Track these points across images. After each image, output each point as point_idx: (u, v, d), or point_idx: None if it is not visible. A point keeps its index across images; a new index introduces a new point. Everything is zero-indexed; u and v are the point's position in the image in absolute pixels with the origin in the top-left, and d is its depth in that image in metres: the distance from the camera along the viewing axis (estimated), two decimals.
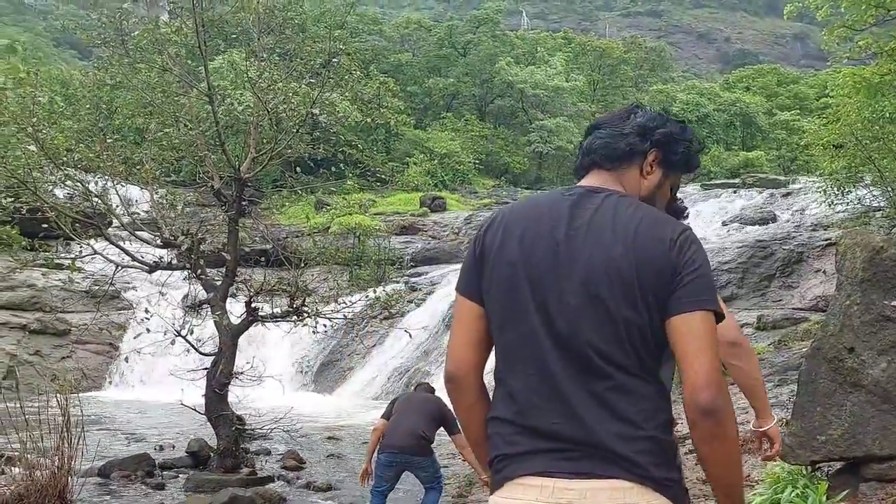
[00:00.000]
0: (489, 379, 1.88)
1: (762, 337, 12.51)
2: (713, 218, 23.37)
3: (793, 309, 14.03)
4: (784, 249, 16.01)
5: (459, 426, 1.98)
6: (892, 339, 4.32)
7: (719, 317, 1.73)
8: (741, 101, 51.57)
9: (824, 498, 4.01)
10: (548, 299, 1.75)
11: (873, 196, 14.88)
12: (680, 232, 1.75)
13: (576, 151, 2.03)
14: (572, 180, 2.01)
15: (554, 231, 1.79)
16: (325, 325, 9.64)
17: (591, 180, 1.92)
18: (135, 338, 10.71)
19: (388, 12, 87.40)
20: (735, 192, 27.55)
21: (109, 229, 10.09)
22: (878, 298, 4.39)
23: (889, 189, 13.66)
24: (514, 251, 1.81)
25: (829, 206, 15.30)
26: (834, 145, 14.42)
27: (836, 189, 14.07)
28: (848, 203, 14.68)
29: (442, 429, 6.55)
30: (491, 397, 1.87)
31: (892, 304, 4.38)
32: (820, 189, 14.75)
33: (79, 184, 8.64)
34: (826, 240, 16.04)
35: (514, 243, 1.81)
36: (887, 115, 12.42)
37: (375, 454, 6.49)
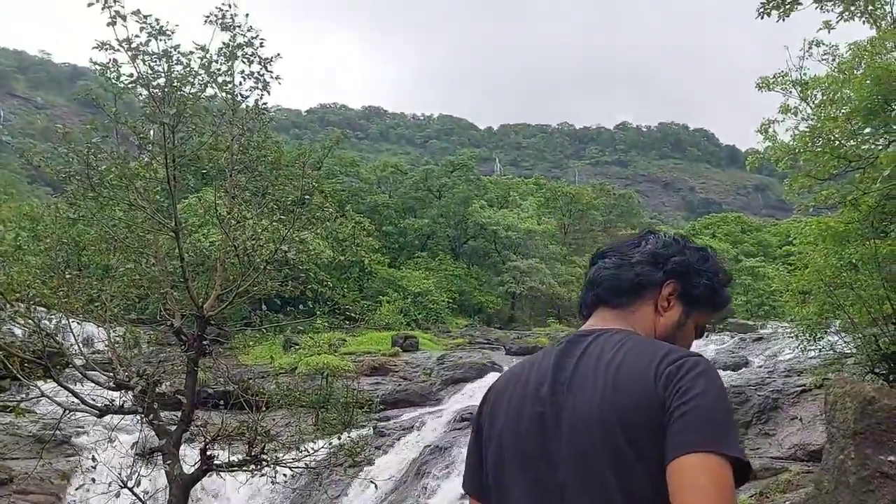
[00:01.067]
0: None
1: (743, 489, 12.01)
2: None
3: (771, 458, 13.59)
4: (759, 395, 15.73)
5: None
6: (892, 497, 4.01)
7: (738, 463, 1.29)
8: (708, 247, 52.85)
9: None
10: (540, 478, 1.44)
11: (844, 342, 14.83)
12: (673, 360, 1.39)
13: (548, 292, 1.75)
14: (545, 321, 1.73)
15: (539, 391, 1.50)
16: (284, 476, 9.06)
17: (593, 321, 1.62)
18: (77, 489, 9.98)
19: (366, 156, 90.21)
20: (707, 336, 27.54)
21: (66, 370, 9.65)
22: (873, 453, 4.11)
23: (860, 336, 13.63)
24: (501, 424, 1.54)
25: (802, 351, 15.21)
26: (801, 291, 14.51)
27: (807, 335, 14.01)
28: (820, 349, 14.58)
29: None
30: None
31: (890, 458, 4.09)
32: (792, 335, 14.69)
33: (30, 321, 8.25)
34: (800, 386, 15.82)
35: (501, 415, 1.54)
36: (853, 261, 12.57)
37: None
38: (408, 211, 49.12)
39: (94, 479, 8.34)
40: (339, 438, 10.38)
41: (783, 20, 11.47)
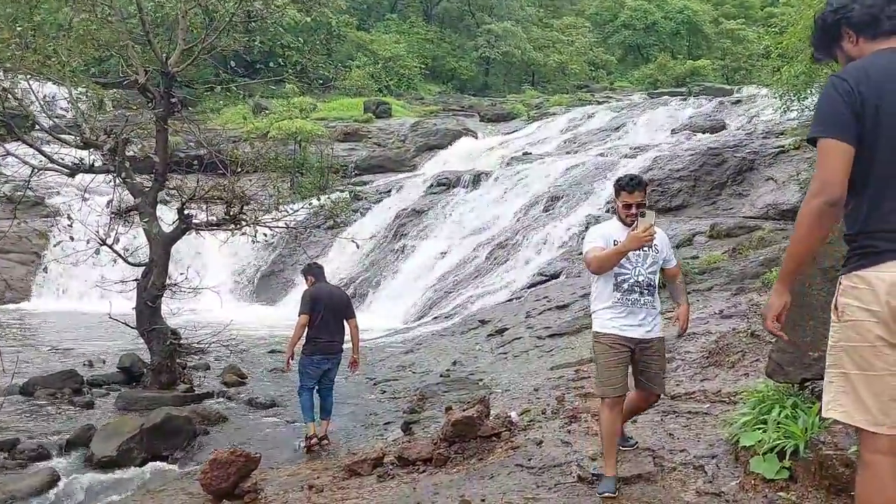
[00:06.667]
0: None
1: (716, 245, 12.34)
2: (663, 126, 23.06)
3: (744, 217, 13.89)
4: (736, 157, 15.80)
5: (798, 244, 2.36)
6: None
7: None
8: (688, 9, 50.87)
9: (817, 419, 3.69)
10: None
11: None
12: None
13: (523, 57, 1.56)
14: (520, 87, 1.44)
15: None
16: (265, 235, 9.03)
17: None
18: (55, 246, 9.97)
19: None
20: (684, 100, 27.24)
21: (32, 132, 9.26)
22: None
23: None
24: (887, 106, 2.23)
25: (782, 113, 15.03)
26: (781, 56, 14.04)
27: (793, 95, 13.72)
28: (802, 110, 14.39)
29: None
30: None
31: None
32: (776, 95, 14.38)
33: None
34: (778, 147, 15.87)
35: (887, 96, 2.23)
36: None
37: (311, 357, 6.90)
38: None
39: (71, 238, 8.23)
40: (319, 200, 10.29)
41: None
